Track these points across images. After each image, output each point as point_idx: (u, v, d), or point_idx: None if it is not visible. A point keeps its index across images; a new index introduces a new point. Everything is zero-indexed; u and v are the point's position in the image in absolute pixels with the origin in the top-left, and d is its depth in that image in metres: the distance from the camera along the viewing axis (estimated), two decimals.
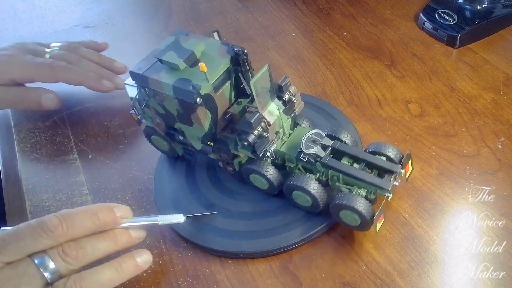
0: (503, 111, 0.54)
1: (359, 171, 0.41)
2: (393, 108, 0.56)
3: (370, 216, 0.40)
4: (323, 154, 0.42)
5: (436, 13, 0.66)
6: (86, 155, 0.57)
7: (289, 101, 0.44)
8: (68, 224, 0.37)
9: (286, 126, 0.45)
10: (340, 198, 0.40)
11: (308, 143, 0.43)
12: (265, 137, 0.42)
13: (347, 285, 0.41)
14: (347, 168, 0.42)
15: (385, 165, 0.41)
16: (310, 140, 0.43)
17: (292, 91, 0.44)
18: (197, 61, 0.41)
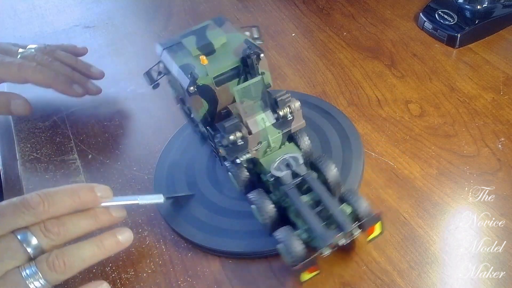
0: (503, 111, 0.54)
1: (308, 214, 0.38)
2: (393, 108, 0.56)
3: (294, 261, 0.37)
4: (288, 182, 0.40)
5: (436, 13, 0.66)
6: (86, 155, 0.57)
7: (283, 117, 0.42)
8: (50, 201, 0.38)
9: (274, 140, 0.44)
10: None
11: (281, 165, 0.41)
12: (238, 144, 0.41)
13: (347, 285, 0.41)
14: (301, 205, 0.39)
15: (337, 219, 0.38)
16: (285, 163, 0.41)
17: (293, 108, 0.42)
18: (213, 51, 0.42)
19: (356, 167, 0.49)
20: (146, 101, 0.64)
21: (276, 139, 0.44)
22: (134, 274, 0.45)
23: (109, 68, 0.70)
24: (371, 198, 0.47)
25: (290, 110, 0.42)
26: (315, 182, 0.40)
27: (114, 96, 0.65)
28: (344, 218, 0.38)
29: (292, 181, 0.40)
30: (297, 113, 0.43)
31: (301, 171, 0.41)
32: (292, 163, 0.41)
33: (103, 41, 0.76)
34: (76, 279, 0.45)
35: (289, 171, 0.41)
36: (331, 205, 0.38)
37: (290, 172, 0.41)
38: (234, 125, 0.40)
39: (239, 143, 0.41)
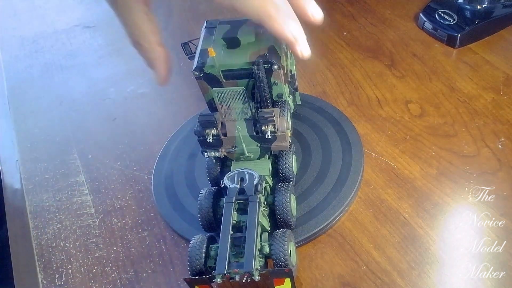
0: (503, 111, 0.54)
1: (224, 235, 0.37)
2: (393, 108, 0.56)
3: (189, 270, 0.37)
4: (231, 195, 0.39)
5: (436, 13, 0.66)
6: (86, 155, 0.57)
7: (264, 133, 0.41)
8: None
9: (251, 150, 0.43)
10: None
11: (235, 177, 0.41)
12: (207, 140, 0.41)
13: (347, 285, 0.41)
14: (224, 223, 0.38)
15: (245, 255, 0.36)
16: (240, 176, 0.41)
17: (278, 129, 0.41)
18: (237, 46, 0.41)
19: (356, 167, 0.49)
20: (146, 101, 0.64)
21: (252, 150, 0.43)
22: (134, 274, 0.45)
23: (109, 68, 0.70)
24: (371, 198, 0.47)
25: (273, 129, 0.41)
26: (252, 208, 0.38)
27: (114, 96, 0.65)
28: (251, 258, 0.35)
29: (234, 197, 0.39)
30: (282, 135, 0.42)
31: (249, 191, 0.39)
32: (246, 180, 0.40)
33: (103, 41, 0.76)
34: (76, 279, 0.45)
35: (238, 186, 0.40)
36: (249, 238, 0.37)
37: (238, 188, 0.40)
38: (208, 121, 0.41)
39: (208, 139, 0.41)
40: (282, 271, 0.35)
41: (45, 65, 0.72)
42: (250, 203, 0.39)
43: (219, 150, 0.43)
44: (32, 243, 0.49)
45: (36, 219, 0.51)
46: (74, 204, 0.52)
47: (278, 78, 0.42)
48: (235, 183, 0.40)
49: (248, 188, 0.40)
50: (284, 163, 0.44)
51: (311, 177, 0.48)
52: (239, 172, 0.41)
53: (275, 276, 0.35)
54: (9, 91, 0.69)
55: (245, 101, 0.41)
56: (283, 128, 0.42)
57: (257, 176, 0.40)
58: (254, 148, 0.43)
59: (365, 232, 0.44)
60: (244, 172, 0.41)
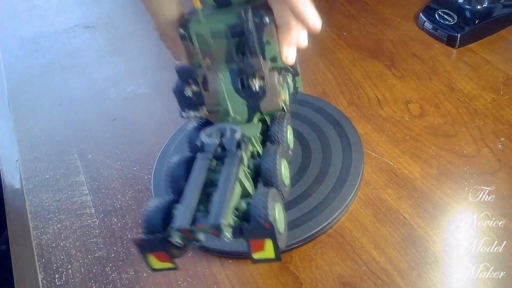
0: (503, 111, 0.54)
1: (191, 189, 0.31)
2: (393, 108, 0.56)
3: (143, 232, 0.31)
4: (207, 151, 0.33)
5: (436, 13, 0.66)
6: (86, 155, 0.57)
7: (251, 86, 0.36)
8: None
9: (237, 110, 0.37)
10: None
11: (214, 132, 0.35)
12: (189, 96, 0.36)
13: (347, 285, 0.41)
14: (193, 178, 0.32)
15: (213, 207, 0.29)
16: (220, 131, 0.35)
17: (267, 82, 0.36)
18: (227, 4, 0.36)
19: (356, 167, 0.49)
20: (146, 101, 0.64)
21: (239, 110, 0.37)
22: (134, 274, 0.44)
23: (109, 68, 0.70)
24: (371, 198, 0.47)
25: (262, 83, 0.35)
26: (231, 163, 0.32)
27: (114, 96, 0.65)
28: (220, 210, 0.28)
29: (210, 152, 0.33)
30: (272, 89, 0.36)
31: (229, 146, 0.33)
32: (227, 135, 0.34)
33: (103, 41, 0.76)
34: (76, 279, 0.45)
35: (217, 142, 0.34)
36: (220, 191, 0.30)
37: (217, 144, 0.34)
38: (186, 72, 0.35)
39: (189, 95, 0.36)
40: (259, 227, 0.27)
41: (45, 65, 0.72)
42: (229, 157, 0.32)
43: (200, 108, 0.37)
44: (32, 243, 0.49)
45: (36, 219, 0.51)
46: (74, 204, 0.52)
47: (271, 36, 0.36)
48: (213, 138, 0.34)
49: (228, 142, 0.34)
50: (276, 128, 0.38)
51: (311, 177, 0.48)
52: (220, 127, 0.35)
53: (251, 234, 0.27)
54: (9, 91, 0.69)
55: (229, 45, 0.35)
56: (273, 81, 0.36)
57: (238, 130, 0.34)
58: (240, 107, 0.37)
59: (365, 232, 0.44)
60: (225, 127, 0.35)
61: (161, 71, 0.67)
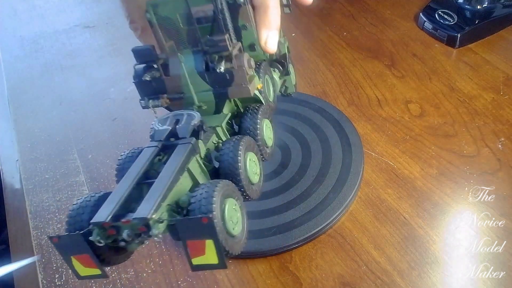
0: (503, 111, 0.54)
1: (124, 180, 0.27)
2: (393, 108, 0.56)
3: (65, 229, 0.26)
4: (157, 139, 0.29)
5: (436, 13, 0.66)
6: (86, 155, 0.57)
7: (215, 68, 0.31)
8: None
9: (202, 98, 0.33)
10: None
11: (169, 119, 0.30)
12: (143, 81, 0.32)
13: (347, 285, 0.41)
14: (130, 169, 0.28)
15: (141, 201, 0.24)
16: (175, 118, 0.30)
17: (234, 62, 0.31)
18: None
19: (356, 167, 0.49)
20: None
21: (205, 98, 0.32)
22: (134, 274, 0.44)
23: (109, 68, 0.70)
24: (371, 198, 0.47)
25: (229, 64, 0.31)
26: (180, 151, 0.27)
27: (114, 96, 0.65)
28: (151, 203, 0.23)
29: (160, 140, 0.29)
30: (240, 72, 0.31)
31: (182, 132, 0.29)
32: (182, 121, 0.30)
33: (103, 41, 0.76)
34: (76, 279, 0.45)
35: (169, 128, 0.29)
36: (158, 181, 0.25)
37: (169, 130, 0.29)
38: (144, 54, 0.31)
39: (147, 79, 0.32)
40: (195, 221, 0.22)
41: (45, 65, 0.72)
42: (179, 146, 0.28)
43: (160, 97, 0.33)
44: (32, 243, 0.49)
45: (36, 219, 0.51)
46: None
47: (247, 19, 0.32)
48: (167, 125, 0.30)
49: (181, 129, 0.29)
50: (247, 120, 0.33)
51: (311, 177, 0.48)
52: (176, 113, 0.30)
53: (186, 232, 0.22)
54: (9, 91, 0.69)
55: (191, 23, 0.31)
56: (241, 62, 0.30)
57: (197, 116, 0.30)
58: (206, 94, 0.32)
59: (365, 232, 0.44)
60: (182, 113, 0.30)
61: None
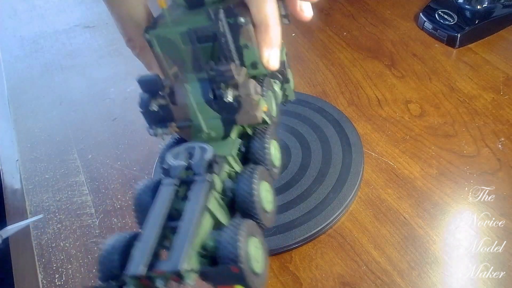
0: (503, 111, 0.54)
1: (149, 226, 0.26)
2: (393, 108, 0.56)
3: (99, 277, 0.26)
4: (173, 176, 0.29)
5: (436, 13, 0.66)
6: (86, 155, 0.57)
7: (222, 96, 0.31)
8: None
9: (211, 125, 0.32)
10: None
11: (181, 153, 0.30)
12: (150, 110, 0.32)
13: (347, 285, 0.41)
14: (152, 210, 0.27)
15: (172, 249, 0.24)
16: (188, 152, 0.30)
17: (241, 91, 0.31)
18: (201, 4, 0.32)
19: (356, 167, 0.49)
20: None
21: (213, 125, 0.32)
22: None
23: (109, 68, 0.70)
24: (371, 198, 0.47)
25: (236, 92, 0.31)
26: (198, 190, 0.27)
27: (114, 96, 0.65)
28: (181, 252, 0.24)
29: (176, 177, 0.28)
30: (247, 100, 0.31)
31: (197, 169, 0.28)
32: (197, 156, 0.29)
33: (103, 41, 0.76)
34: (76, 279, 0.45)
35: (184, 164, 0.29)
36: (183, 227, 0.25)
37: (185, 166, 0.29)
38: (150, 83, 0.31)
39: (154, 109, 0.32)
40: (226, 271, 0.23)
41: (45, 65, 0.72)
42: (196, 184, 0.27)
43: (168, 125, 0.32)
44: (32, 243, 0.49)
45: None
46: (74, 204, 0.52)
47: (248, 38, 0.32)
48: (180, 160, 0.29)
49: (197, 165, 0.29)
50: (256, 145, 0.33)
51: (311, 177, 0.48)
52: (188, 146, 0.30)
53: (217, 281, 0.23)
54: (9, 91, 0.69)
55: (197, 51, 0.31)
56: (248, 90, 0.31)
57: (209, 149, 0.29)
58: (214, 122, 0.32)
59: (365, 232, 0.44)
60: (193, 146, 0.30)
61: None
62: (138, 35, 0.32)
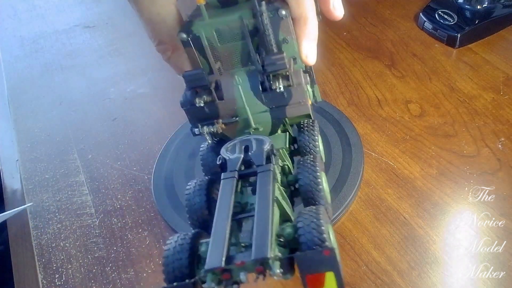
0: (503, 111, 0.54)
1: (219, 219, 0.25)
2: (393, 108, 0.56)
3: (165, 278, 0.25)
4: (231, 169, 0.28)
5: (436, 13, 0.66)
6: (86, 155, 0.57)
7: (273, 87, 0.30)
8: None
9: (259, 119, 0.32)
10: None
11: (237, 146, 0.29)
12: (196, 107, 0.31)
13: (347, 285, 0.41)
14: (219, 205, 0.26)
15: (254, 238, 0.23)
16: (244, 144, 0.29)
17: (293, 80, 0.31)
18: (234, 3, 0.31)
19: (356, 167, 0.49)
20: (146, 101, 0.63)
21: (261, 119, 0.32)
22: (134, 274, 0.44)
23: (109, 68, 0.70)
24: (371, 198, 0.47)
25: (287, 82, 0.30)
26: (265, 181, 0.26)
27: (114, 96, 0.65)
28: (265, 241, 0.22)
29: (236, 170, 0.27)
30: (299, 90, 0.31)
31: (258, 160, 0.28)
32: (253, 148, 0.29)
33: (103, 41, 0.76)
34: (76, 279, 0.45)
35: (241, 156, 0.28)
36: (259, 217, 0.24)
37: (242, 158, 0.28)
38: (196, 78, 0.30)
39: (200, 104, 0.31)
40: (317, 255, 0.21)
41: (45, 65, 0.72)
42: (260, 174, 0.27)
43: (215, 122, 0.32)
44: (32, 243, 0.49)
45: (36, 219, 0.51)
46: (74, 204, 0.52)
47: (287, 32, 0.32)
48: (237, 153, 0.29)
49: (256, 156, 0.28)
50: (306, 138, 0.32)
51: None
52: (243, 139, 0.29)
53: (307, 267, 0.21)
54: (9, 91, 0.69)
55: (244, 40, 0.30)
56: (299, 79, 0.31)
57: (267, 140, 0.29)
58: (263, 116, 0.31)
59: (365, 232, 0.44)
60: (249, 139, 0.29)
61: (161, 71, 0.67)
62: (170, 37, 0.31)
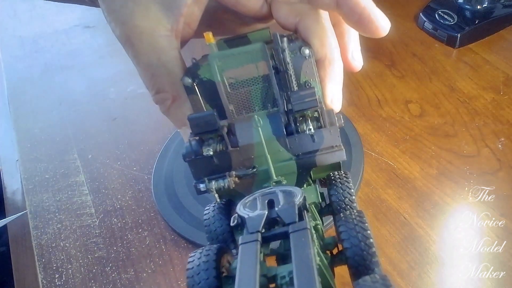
0: (503, 111, 0.54)
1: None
2: (393, 108, 0.56)
3: None
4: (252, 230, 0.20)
5: (436, 13, 0.66)
6: (86, 155, 0.57)
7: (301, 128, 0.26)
8: None
9: (281, 169, 0.26)
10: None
11: (258, 201, 0.22)
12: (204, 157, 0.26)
13: (347, 285, 0.41)
14: (243, 280, 0.18)
15: None
16: (267, 199, 0.22)
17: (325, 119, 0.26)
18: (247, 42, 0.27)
19: (356, 167, 0.49)
20: (146, 101, 0.63)
21: (284, 169, 0.26)
22: (134, 274, 0.44)
23: (109, 68, 0.70)
24: (371, 198, 0.47)
25: (317, 123, 0.25)
26: (302, 242, 0.19)
27: (114, 96, 0.65)
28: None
29: (258, 231, 0.20)
30: (333, 132, 0.25)
31: (287, 217, 0.21)
32: (280, 202, 0.22)
33: (103, 41, 0.76)
34: (76, 279, 0.45)
35: (265, 213, 0.21)
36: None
37: (265, 215, 0.21)
38: (205, 123, 0.24)
39: (209, 154, 0.25)
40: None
41: (45, 65, 0.72)
42: (294, 235, 0.20)
43: (227, 175, 0.25)
44: (32, 243, 0.49)
45: (36, 219, 0.51)
46: (74, 204, 0.52)
47: (311, 73, 0.27)
48: (258, 209, 0.22)
49: (285, 211, 0.21)
50: (340, 192, 0.26)
51: None
52: (265, 192, 0.23)
53: None
54: (9, 91, 0.69)
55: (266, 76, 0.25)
56: (332, 118, 0.26)
57: (300, 192, 0.22)
58: (286, 165, 0.26)
59: None
60: (274, 191, 0.23)
61: None
62: (171, 85, 0.28)
